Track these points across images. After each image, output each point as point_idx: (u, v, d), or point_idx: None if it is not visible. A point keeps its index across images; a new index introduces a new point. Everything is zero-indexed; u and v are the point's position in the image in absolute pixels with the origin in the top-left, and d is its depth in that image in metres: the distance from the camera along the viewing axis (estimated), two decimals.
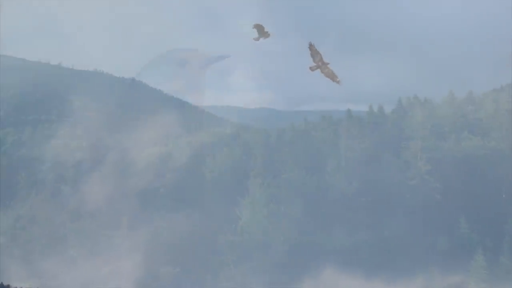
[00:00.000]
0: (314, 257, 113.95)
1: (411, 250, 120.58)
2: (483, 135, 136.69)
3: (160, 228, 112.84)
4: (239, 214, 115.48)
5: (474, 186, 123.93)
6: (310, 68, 27.76)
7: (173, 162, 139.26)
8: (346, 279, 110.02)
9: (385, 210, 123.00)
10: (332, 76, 28.12)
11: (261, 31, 29.25)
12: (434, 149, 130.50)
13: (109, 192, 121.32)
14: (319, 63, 27.64)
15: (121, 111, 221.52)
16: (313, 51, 27.55)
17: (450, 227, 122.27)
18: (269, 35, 29.28)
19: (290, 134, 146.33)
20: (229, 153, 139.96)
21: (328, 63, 27.73)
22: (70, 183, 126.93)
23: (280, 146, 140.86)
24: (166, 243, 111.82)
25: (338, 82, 28.14)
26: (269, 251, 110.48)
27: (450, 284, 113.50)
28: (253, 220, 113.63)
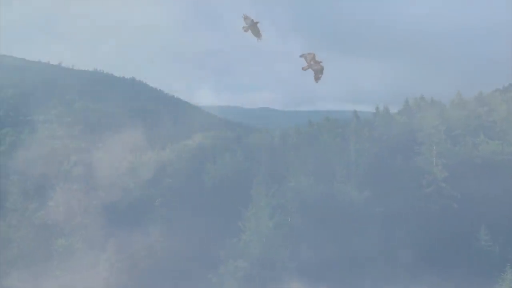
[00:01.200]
0: (324, 272, 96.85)
1: (428, 264, 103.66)
2: (499, 139, 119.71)
3: (156, 243, 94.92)
4: (243, 227, 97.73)
5: (494, 195, 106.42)
6: (303, 68, 25.45)
7: (171, 167, 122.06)
8: None
9: (399, 221, 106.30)
10: (318, 73, 25.30)
11: (250, 23, 25.40)
12: (450, 154, 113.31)
13: (99, 202, 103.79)
14: (311, 62, 25.31)
15: (120, 111, 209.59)
16: (305, 56, 25.32)
17: (469, 239, 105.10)
18: (260, 34, 25.62)
19: (294, 137, 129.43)
20: (231, 158, 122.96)
21: (320, 62, 25.15)
22: (61, 189, 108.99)
23: (285, 150, 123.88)
24: (162, 262, 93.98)
25: (317, 80, 25.33)
26: (276, 271, 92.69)
27: None
28: (257, 234, 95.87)
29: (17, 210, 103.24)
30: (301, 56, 25.29)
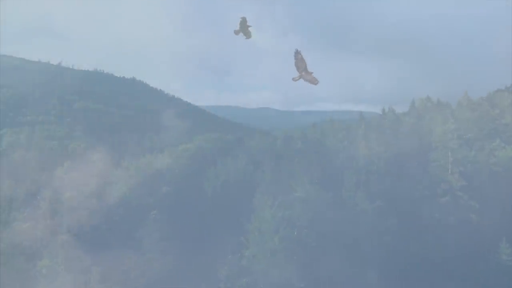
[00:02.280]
0: None
1: (444, 279, 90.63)
2: None
3: (150, 260, 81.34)
4: (246, 242, 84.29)
5: None
6: (293, 79, 22.82)
7: (169, 173, 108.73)
8: None
9: (413, 233, 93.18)
10: (313, 81, 22.94)
11: (244, 26, 24.16)
12: (466, 161, 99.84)
13: (91, 211, 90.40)
14: (302, 73, 22.82)
15: (120, 111, 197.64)
16: (299, 60, 22.65)
17: (488, 252, 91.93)
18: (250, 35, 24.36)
19: (298, 141, 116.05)
20: (232, 162, 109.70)
21: (312, 72, 22.73)
22: (49, 198, 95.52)
23: (289, 155, 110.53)
24: (157, 282, 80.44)
25: (315, 83, 22.93)
26: None
27: None
28: (262, 249, 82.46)
29: (1, 222, 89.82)
30: (296, 53, 22.21)
